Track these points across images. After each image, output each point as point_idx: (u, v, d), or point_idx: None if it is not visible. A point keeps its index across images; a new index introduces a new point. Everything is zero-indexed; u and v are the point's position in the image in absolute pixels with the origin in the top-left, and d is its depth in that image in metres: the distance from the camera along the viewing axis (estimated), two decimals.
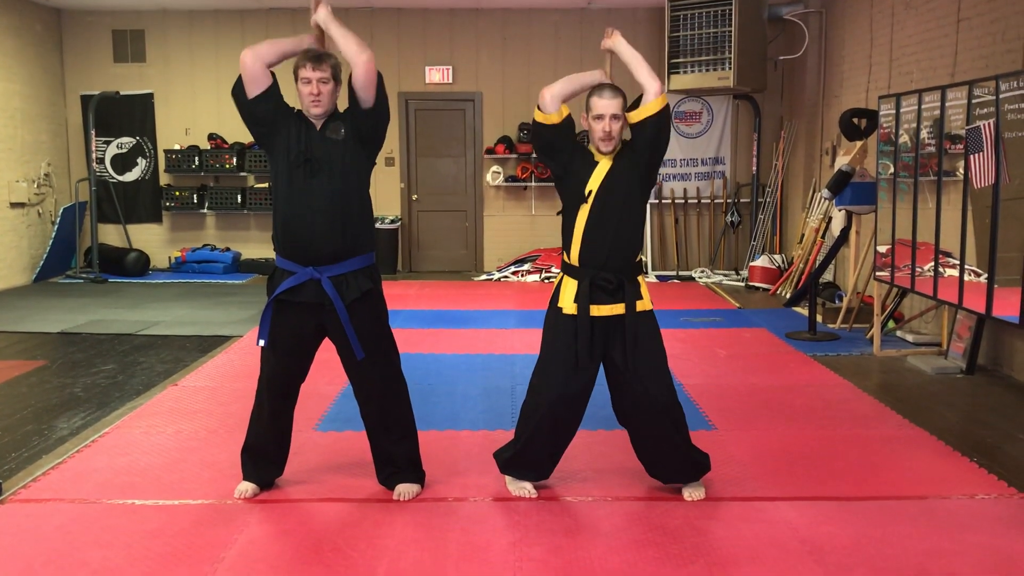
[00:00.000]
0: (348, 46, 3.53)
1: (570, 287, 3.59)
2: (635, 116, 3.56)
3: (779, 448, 4.38)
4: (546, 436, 3.69)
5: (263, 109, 3.55)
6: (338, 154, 3.54)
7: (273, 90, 3.57)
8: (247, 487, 3.75)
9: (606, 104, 3.53)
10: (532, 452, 3.73)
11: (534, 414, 3.66)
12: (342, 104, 3.61)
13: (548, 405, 3.62)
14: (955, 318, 6.17)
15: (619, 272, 3.55)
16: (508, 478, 3.81)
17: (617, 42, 3.68)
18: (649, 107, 3.54)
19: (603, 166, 3.57)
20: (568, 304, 3.58)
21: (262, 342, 3.61)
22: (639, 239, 3.65)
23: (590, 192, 3.54)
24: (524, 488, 3.76)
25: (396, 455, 3.77)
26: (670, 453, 3.69)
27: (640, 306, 3.61)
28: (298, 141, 3.53)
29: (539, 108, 3.59)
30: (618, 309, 3.55)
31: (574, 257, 3.58)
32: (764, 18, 9.50)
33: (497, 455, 3.86)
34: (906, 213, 6.12)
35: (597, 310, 3.55)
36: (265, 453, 3.79)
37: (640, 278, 3.66)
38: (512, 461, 3.78)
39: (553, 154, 3.64)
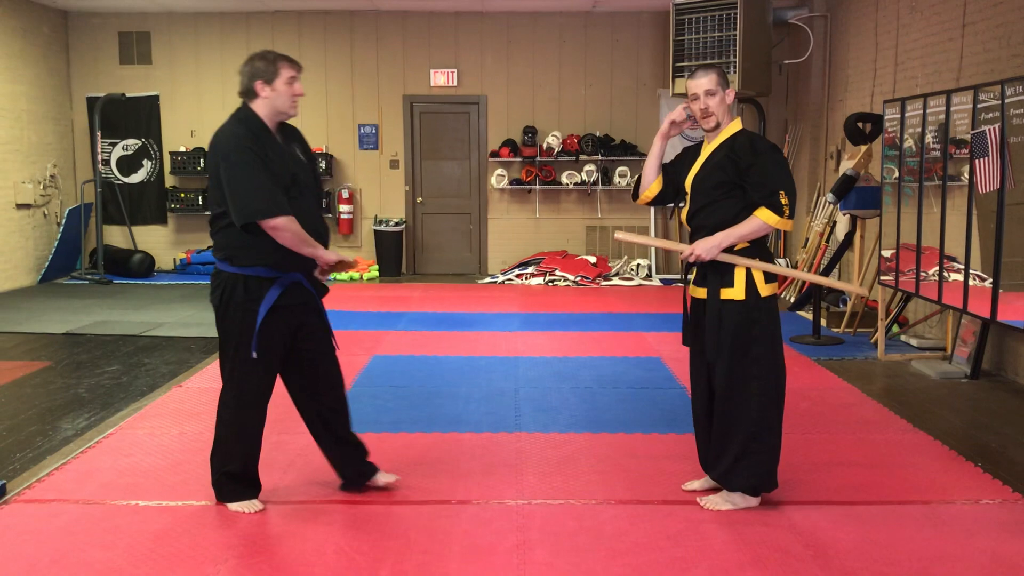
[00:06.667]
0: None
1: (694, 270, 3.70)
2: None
3: (783, 452, 4.34)
4: (695, 422, 3.81)
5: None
6: (306, 170, 3.67)
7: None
8: (254, 504, 3.66)
9: (696, 83, 3.58)
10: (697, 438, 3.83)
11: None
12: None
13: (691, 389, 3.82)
14: (960, 323, 6.15)
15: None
16: None
17: (705, 252, 3.51)
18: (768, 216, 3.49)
19: (701, 158, 3.64)
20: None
21: (254, 354, 3.52)
22: (726, 226, 3.51)
23: (685, 188, 3.69)
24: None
25: (354, 440, 3.81)
26: (718, 443, 3.64)
27: (726, 294, 3.53)
28: (280, 159, 3.53)
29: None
30: (701, 293, 3.62)
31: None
32: (769, 22, 9.49)
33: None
34: (911, 217, 6.12)
35: (695, 291, 3.66)
36: (255, 469, 3.71)
37: (741, 270, 3.50)
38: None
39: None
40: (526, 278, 10.36)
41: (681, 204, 3.77)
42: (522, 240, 11.10)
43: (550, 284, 10.16)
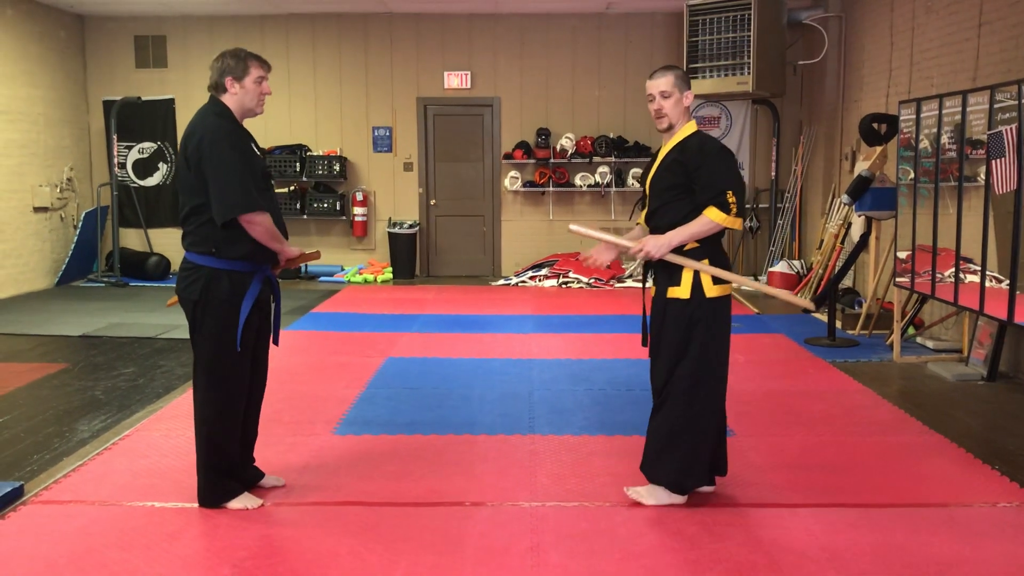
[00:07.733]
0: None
1: None
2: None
3: (798, 454, 4.35)
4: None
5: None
6: (266, 166, 3.78)
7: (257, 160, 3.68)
8: (253, 499, 3.69)
9: (653, 84, 3.64)
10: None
11: None
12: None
13: None
14: (976, 324, 6.12)
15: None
16: None
17: (655, 249, 3.56)
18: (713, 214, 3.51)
19: (657, 160, 3.69)
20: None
21: (239, 348, 3.58)
22: (677, 227, 3.54)
23: (644, 189, 3.77)
24: None
25: (252, 443, 3.83)
26: (649, 434, 3.71)
27: (672, 292, 3.59)
28: (254, 154, 3.66)
29: None
30: (653, 291, 3.70)
31: None
32: (783, 23, 9.47)
33: None
34: (926, 219, 6.08)
35: (651, 289, 3.72)
36: (238, 461, 3.74)
37: (688, 272, 3.54)
38: None
39: None
40: (540, 280, 10.36)
41: (642, 206, 3.82)
42: (535, 242, 11.10)
43: (564, 286, 10.15)
